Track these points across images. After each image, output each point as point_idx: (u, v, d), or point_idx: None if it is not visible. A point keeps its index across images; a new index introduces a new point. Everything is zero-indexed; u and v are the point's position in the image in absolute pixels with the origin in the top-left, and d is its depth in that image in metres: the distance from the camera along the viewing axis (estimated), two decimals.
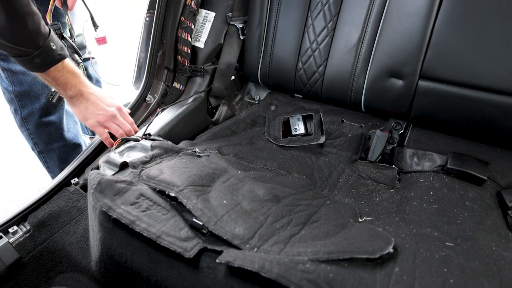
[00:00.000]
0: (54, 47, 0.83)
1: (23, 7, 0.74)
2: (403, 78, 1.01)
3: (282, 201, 0.79)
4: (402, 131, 1.09)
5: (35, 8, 0.78)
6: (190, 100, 1.27)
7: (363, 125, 1.11)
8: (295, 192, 0.86)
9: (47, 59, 0.83)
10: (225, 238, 0.64)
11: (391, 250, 0.60)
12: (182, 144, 1.06)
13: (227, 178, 0.85)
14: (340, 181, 1.00)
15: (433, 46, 0.96)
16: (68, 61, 0.89)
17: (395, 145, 1.07)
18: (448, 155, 0.94)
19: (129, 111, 1.15)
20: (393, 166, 1.02)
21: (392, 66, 1.02)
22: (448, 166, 0.91)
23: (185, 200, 0.70)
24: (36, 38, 0.79)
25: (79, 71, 0.92)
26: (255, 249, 0.63)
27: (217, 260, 0.58)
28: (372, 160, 1.06)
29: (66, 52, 0.88)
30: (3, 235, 0.87)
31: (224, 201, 0.73)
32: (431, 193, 0.85)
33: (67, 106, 1.49)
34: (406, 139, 1.07)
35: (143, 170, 0.82)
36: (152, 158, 0.88)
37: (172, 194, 0.72)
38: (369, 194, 0.92)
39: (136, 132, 1.07)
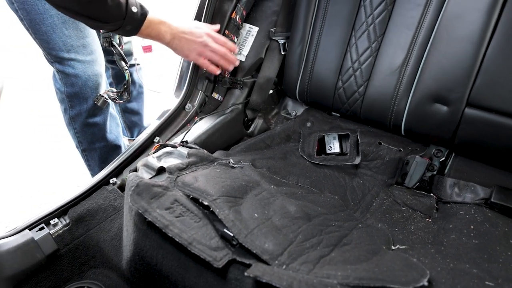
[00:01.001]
0: (135, 10, 0.91)
1: None
2: (449, 105, 0.98)
3: (313, 220, 0.78)
4: (443, 158, 1.05)
5: None
6: (228, 111, 1.30)
7: (401, 149, 1.09)
8: (326, 212, 0.85)
9: (135, 23, 0.92)
10: (254, 251, 0.64)
11: (426, 283, 0.57)
12: (217, 154, 1.08)
13: (259, 192, 0.85)
14: (374, 205, 0.97)
15: (483, 74, 0.93)
16: (151, 14, 0.96)
17: (435, 172, 1.03)
18: (492, 188, 0.90)
19: (217, 27, 1.20)
20: (431, 194, 0.98)
21: (437, 91, 0.99)
22: (492, 200, 0.86)
23: (217, 210, 0.71)
24: (119, 10, 0.88)
25: (164, 17, 1.00)
26: (284, 266, 0.62)
27: (246, 273, 0.58)
28: (409, 186, 1.03)
29: (146, 8, 0.95)
30: (45, 226, 0.93)
31: (256, 215, 0.74)
32: (472, 227, 0.81)
33: (111, 109, 1.57)
34: (447, 167, 1.03)
35: (179, 176, 0.84)
36: (188, 166, 0.90)
37: (205, 203, 0.73)
38: (403, 222, 0.89)
39: (232, 50, 1.17)
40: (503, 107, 0.91)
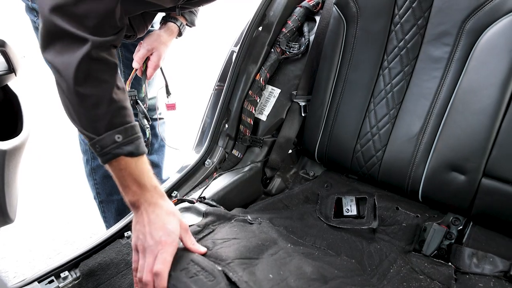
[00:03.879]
0: (118, 140, 0.78)
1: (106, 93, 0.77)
2: (466, 174, 1.04)
3: (329, 283, 0.82)
4: (461, 227, 1.09)
5: (116, 96, 0.79)
6: (246, 168, 1.38)
7: (419, 215, 1.14)
8: (343, 275, 0.89)
9: (103, 151, 0.79)
10: None
11: None
12: (234, 211, 1.15)
13: (276, 251, 0.90)
14: (391, 271, 1.01)
15: (498, 146, 0.99)
16: (137, 162, 0.81)
17: (453, 241, 1.07)
18: (511, 261, 0.93)
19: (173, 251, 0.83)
20: (450, 263, 1.01)
21: (454, 160, 1.06)
22: (511, 273, 0.89)
23: (231, 274, 0.76)
24: (99, 126, 0.78)
25: (147, 180, 0.82)
26: None
27: None
28: (427, 254, 1.06)
29: (131, 149, 0.80)
30: (54, 279, 0.95)
31: (270, 275, 0.78)
32: None
33: None
34: (466, 236, 1.07)
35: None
36: (205, 227, 0.96)
37: (220, 268, 0.77)
38: None
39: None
40: None
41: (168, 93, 1.41)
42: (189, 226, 0.93)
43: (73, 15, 0.73)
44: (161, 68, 1.34)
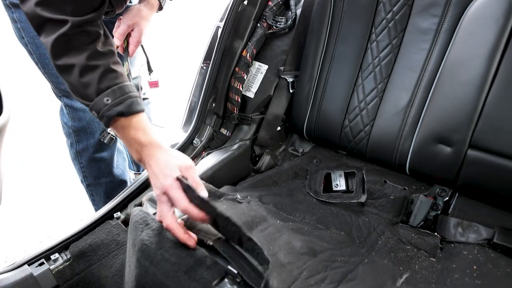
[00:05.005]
0: (107, 101, 0.82)
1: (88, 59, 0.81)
2: (452, 146, 1.07)
3: (319, 256, 0.85)
4: (447, 198, 1.13)
5: (99, 61, 0.82)
6: (235, 146, 1.40)
7: (406, 187, 1.17)
8: (332, 247, 0.92)
9: (99, 114, 0.83)
10: None
11: None
12: (224, 189, 1.16)
13: (265, 227, 0.92)
14: (379, 243, 1.04)
15: (485, 117, 1.02)
16: (134, 121, 0.85)
17: (439, 212, 1.11)
18: (495, 229, 0.97)
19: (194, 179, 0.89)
20: (436, 233, 1.05)
21: (440, 132, 1.09)
22: (494, 240, 0.93)
23: (221, 249, 0.78)
24: (87, 90, 0.82)
25: (146, 135, 0.86)
26: None
27: None
28: (414, 225, 1.10)
29: (128, 109, 0.83)
30: (45, 261, 0.96)
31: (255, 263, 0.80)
32: (475, 267, 0.87)
33: (119, 144, 1.67)
34: (451, 207, 1.11)
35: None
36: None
37: (210, 243, 0.80)
38: (408, 260, 0.95)
39: (194, 216, 0.83)
40: (504, 150, 0.99)
41: (150, 70, 1.39)
42: None
43: (53, 4, 0.79)
44: (141, 45, 1.32)
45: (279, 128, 1.49)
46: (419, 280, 0.87)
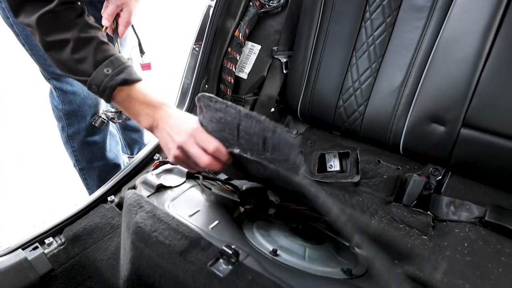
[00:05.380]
0: (107, 72, 0.81)
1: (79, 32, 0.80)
2: (445, 125, 1.08)
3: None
4: (440, 177, 1.14)
5: (90, 34, 0.81)
6: None
7: (400, 167, 1.18)
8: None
9: (100, 87, 0.81)
10: None
11: None
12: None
13: None
14: (372, 222, 1.06)
15: (478, 95, 1.02)
16: (138, 88, 0.85)
17: (432, 191, 1.12)
18: (487, 207, 0.98)
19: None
20: (428, 212, 1.07)
21: (434, 111, 1.09)
22: (486, 218, 0.95)
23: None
24: (86, 66, 0.81)
25: (154, 98, 0.86)
26: None
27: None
28: (407, 204, 1.12)
29: (129, 77, 0.83)
30: (39, 246, 0.97)
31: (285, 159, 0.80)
32: (466, 244, 0.89)
33: (111, 127, 1.66)
34: (444, 186, 1.12)
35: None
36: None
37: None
38: (401, 239, 0.97)
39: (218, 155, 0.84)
40: (497, 128, 1.00)
41: (141, 52, 1.37)
42: (173, 186, 0.97)
43: None
44: (132, 25, 1.30)
45: (273, 109, 1.49)
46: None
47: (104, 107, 1.56)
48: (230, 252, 0.75)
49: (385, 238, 0.65)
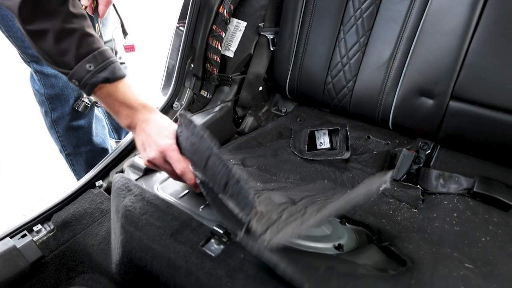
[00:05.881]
0: (89, 68, 0.79)
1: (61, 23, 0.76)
2: (434, 98, 1.09)
3: (299, 203, 0.85)
4: (429, 151, 1.16)
5: (74, 24, 0.78)
6: (217, 108, 1.39)
7: (389, 142, 1.19)
8: (314, 193, 0.93)
9: (81, 82, 0.80)
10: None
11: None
12: None
13: None
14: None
15: (467, 67, 1.03)
16: (119, 87, 0.83)
17: (421, 165, 1.14)
18: (475, 179, 1.01)
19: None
20: (418, 186, 1.09)
21: (423, 84, 1.10)
22: (474, 189, 0.97)
23: (205, 191, 0.81)
24: (68, 59, 0.79)
25: (134, 100, 0.85)
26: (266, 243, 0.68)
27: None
28: (397, 179, 1.13)
29: (111, 74, 0.81)
30: (27, 233, 0.96)
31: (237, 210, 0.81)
32: (455, 215, 0.92)
33: (96, 111, 1.64)
34: (433, 159, 1.14)
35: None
36: None
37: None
38: (391, 213, 0.99)
39: (189, 180, 0.85)
40: (485, 100, 1.01)
41: (124, 33, 1.35)
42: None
43: None
44: (113, 5, 1.27)
45: (261, 88, 1.48)
46: (401, 230, 0.91)
47: None
48: (222, 231, 0.75)
49: None
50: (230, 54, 1.42)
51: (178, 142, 0.84)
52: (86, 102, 1.41)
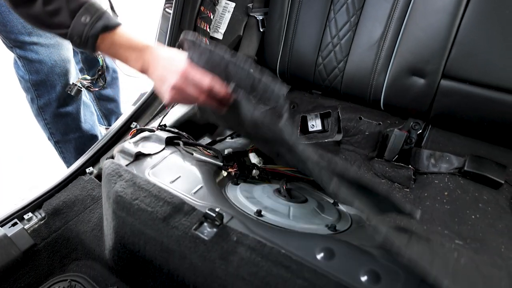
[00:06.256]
0: (85, 20, 0.78)
1: None
2: (425, 77, 1.09)
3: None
4: (420, 131, 1.16)
5: None
6: None
7: (381, 122, 1.20)
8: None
9: (82, 36, 0.79)
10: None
11: None
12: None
13: None
14: (352, 167, 1.08)
15: (458, 45, 1.03)
16: (121, 33, 0.82)
17: (413, 145, 1.15)
18: (466, 158, 1.02)
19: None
20: (409, 166, 1.10)
21: (414, 64, 1.10)
22: (465, 168, 0.99)
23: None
24: (63, 18, 0.78)
25: (139, 41, 0.84)
26: None
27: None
28: (389, 159, 1.14)
29: (109, 23, 0.80)
30: (18, 222, 0.97)
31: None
32: (445, 193, 0.93)
33: (84, 98, 1.62)
34: (424, 139, 1.15)
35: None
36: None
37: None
38: (379, 182, 1.00)
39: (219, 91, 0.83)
40: (476, 78, 1.02)
41: (115, 14, 1.32)
42: (153, 154, 0.97)
43: None
44: None
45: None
46: None
47: (73, 75, 1.51)
48: (214, 215, 0.76)
49: (364, 181, 0.67)
50: (219, 36, 1.40)
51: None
52: (78, 86, 1.39)
